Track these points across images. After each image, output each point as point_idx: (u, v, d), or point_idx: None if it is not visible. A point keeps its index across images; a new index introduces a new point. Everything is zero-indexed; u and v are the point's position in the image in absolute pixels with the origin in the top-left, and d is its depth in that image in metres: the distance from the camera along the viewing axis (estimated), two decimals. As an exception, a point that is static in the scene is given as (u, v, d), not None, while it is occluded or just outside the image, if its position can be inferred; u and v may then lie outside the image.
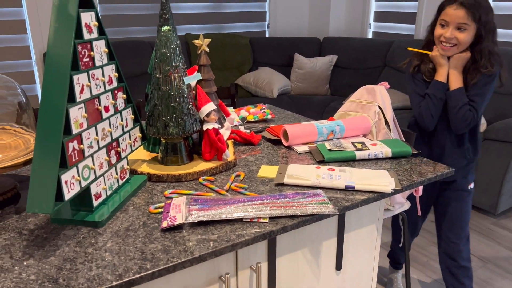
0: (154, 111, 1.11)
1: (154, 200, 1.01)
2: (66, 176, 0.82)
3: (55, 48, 0.83)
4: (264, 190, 1.06)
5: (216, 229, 0.89)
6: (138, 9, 3.45)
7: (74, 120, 0.84)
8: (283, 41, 3.98)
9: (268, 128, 1.46)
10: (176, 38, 1.09)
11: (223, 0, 3.86)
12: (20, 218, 0.93)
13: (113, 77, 0.99)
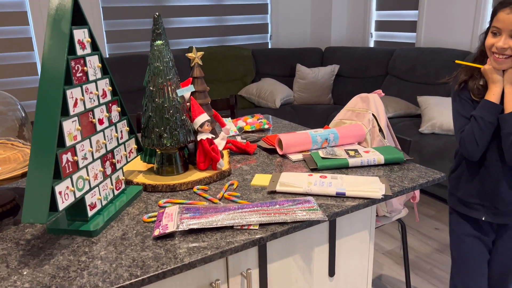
0: (148, 123, 1.14)
1: (148, 210, 1.04)
2: (60, 187, 0.85)
3: (49, 64, 0.86)
4: (257, 198, 1.08)
5: (207, 236, 0.90)
6: (141, 24, 3.53)
7: (67, 132, 0.87)
8: (285, 52, 4.02)
9: (264, 138, 1.48)
10: (169, 52, 1.13)
11: (225, 14, 3.93)
12: (18, 229, 0.96)
13: (107, 91, 1.02)
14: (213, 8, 3.84)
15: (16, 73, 3.11)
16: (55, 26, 0.88)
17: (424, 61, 3.37)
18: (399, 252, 2.38)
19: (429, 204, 2.93)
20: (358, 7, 4.20)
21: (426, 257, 2.35)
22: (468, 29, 3.26)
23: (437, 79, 3.25)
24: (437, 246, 2.44)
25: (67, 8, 0.88)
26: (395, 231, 2.60)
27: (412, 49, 3.54)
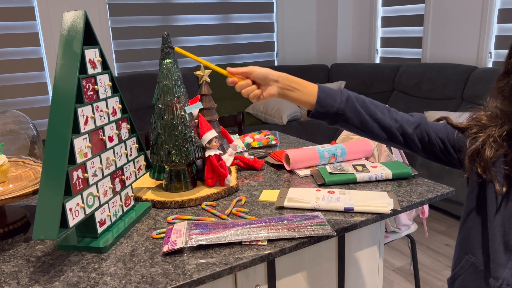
0: (157, 140, 1.15)
1: (157, 226, 1.04)
2: (70, 204, 0.86)
3: (61, 83, 0.88)
4: (265, 214, 1.08)
5: (215, 252, 0.91)
6: (149, 43, 3.59)
7: (78, 150, 0.89)
8: (291, 69, 4.05)
9: (271, 154, 1.49)
10: (178, 70, 1.15)
11: (232, 32, 3.99)
12: (28, 246, 0.97)
13: (117, 109, 1.04)
14: (220, 27, 3.90)
15: (27, 93, 3.17)
16: (67, 46, 0.90)
17: (431, 77, 3.38)
18: (409, 269, 2.34)
19: (439, 220, 2.90)
20: (364, 24, 4.24)
21: (437, 274, 2.31)
22: (474, 44, 3.28)
23: (443, 94, 3.26)
24: (448, 263, 2.40)
25: (79, 28, 0.91)
26: (405, 247, 2.57)
27: (418, 65, 3.56)
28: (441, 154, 0.91)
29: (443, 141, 0.89)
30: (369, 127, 0.92)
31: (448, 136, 0.88)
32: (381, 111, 0.92)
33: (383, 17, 4.03)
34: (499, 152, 0.76)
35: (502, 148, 0.76)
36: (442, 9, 3.46)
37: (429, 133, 0.90)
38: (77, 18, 0.91)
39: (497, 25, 3.10)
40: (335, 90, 0.93)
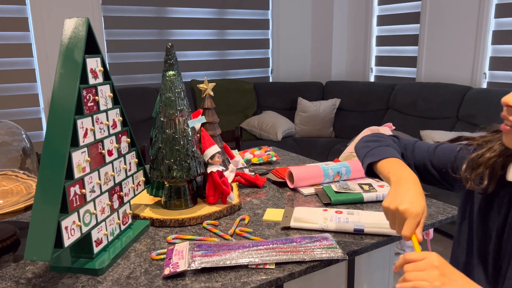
0: (158, 155, 1.10)
1: (156, 246, 0.98)
2: (66, 222, 0.80)
3: (60, 93, 0.83)
4: (270, 234, 1.02)
5: (220, 276, 0.85)
6: (144, 57, 3.55)
7: (76, 164, 0.83)
8: (286, 86, 4.04)
9: (273, 170, 1.44)
10: (181, 82, 1.10)
11: (228, 48, 3.97)
12: (18, 267, 0.90)
13: (117, 121, 0.99)
14: (216, 43, 3.89)
15: (18, 104, 3.09)
16: (68, 54, 0.85)
17: (426, 96, 3.38)
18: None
19: (436, 240, 2.86)
20: (358, 43, 4.26)
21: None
22: (468, 64, 3.30)
23: (439, 114, 3.26)
24: None
25: (80, 36, 0.86)
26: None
27: (413, 84, 3.57)
28: (425, 179, 0.89)
29: (425, 165, 0.87)
30: None
31: (431, 159, 0.86)
32: None
33: (378, 36, 4.06)
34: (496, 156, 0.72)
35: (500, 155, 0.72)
36: (437, 29, 3.49)
37: (409, 161, 0.89)
38: (79, 25, 0.87)
39: (491, 46, 3.13)
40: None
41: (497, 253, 0.72)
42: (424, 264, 0.63)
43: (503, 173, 0.71)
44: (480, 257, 0.75)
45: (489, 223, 0.73)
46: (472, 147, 0.78)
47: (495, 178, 0.71)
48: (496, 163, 0.71)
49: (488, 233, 0.73)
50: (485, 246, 0.74)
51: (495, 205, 0.73)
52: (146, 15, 3.49)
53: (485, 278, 0.74)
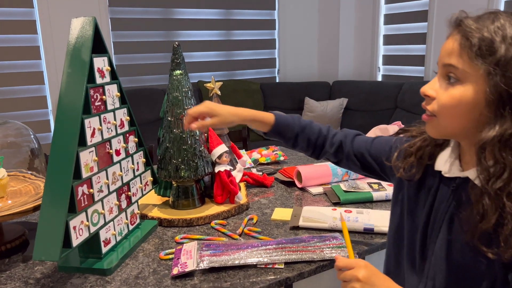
0: (165, 154, 1.09)
1: (164, 246, 0.98)
2: (74, 222, 0.80)
3: (68, 92, 0.83)
4: (279, 234, 1.02)
5: (229, 276, 0.84)
6: (151, 58, 3.56)
7: (84, 164, 0.83)
8: (293, 86, 4.03)
9: (281, 170, 1.43)
10: (188, 81, 1.10)
11: (234, 49, 3.97)
12: (27, 267, 0.90)
13: (125, 121, 0.99)
14: (222, 43, 3.88)
15: (27, 106, 3.11)
16: (75, 53, 0.85)
17: (434, 94, 3.35)
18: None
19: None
20: (366, 42, 4.24)
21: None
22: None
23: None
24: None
25: (88, 35, 0.86)
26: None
27: (421, 83, 3.53)
28: (367, 168, 0.89)
29: (363, 154, 0.87)
30: (309, 154, 0.93)
31: (369, 149, 0.87)
32: (316, 140, 0.91)
33: (385, 35, 4.04)
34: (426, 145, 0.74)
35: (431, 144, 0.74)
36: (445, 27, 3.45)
37: (348, 150, 0.89)
38: (86, 25, 0.87)
39: None
40: (288, 125, 0.91)
41: (423, 243, 0.72)
42: (349, 276, 0.65)
43: (431, 163, 0.72)
44: (409, 248, 0.75)
45: (417, 213, 0.74)
46: (405, 138, 0.79)
47: (422, 166, 0.73)
48: (424, 152, 0.72)
49: (416, 223, 0.74)
50: (412, 236, 0.74)
51: (423, 195, 0.73)
52: (152, 16, 3.49)
53: (413, 269, 0.74)
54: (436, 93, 0.63)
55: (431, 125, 0.66)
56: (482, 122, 0.60)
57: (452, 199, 0.67)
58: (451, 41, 0.62)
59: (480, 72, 0.58)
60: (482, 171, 0.59)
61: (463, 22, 0.61)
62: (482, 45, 0.58)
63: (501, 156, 0.58)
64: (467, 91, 0.60)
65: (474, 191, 0.61)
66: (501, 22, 0.58)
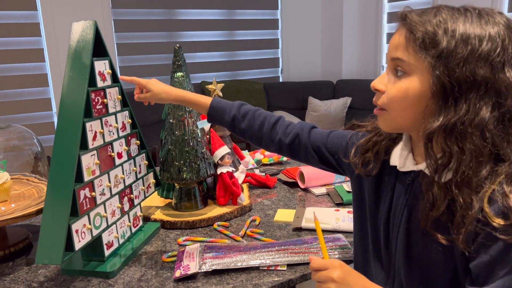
0: (167, 156, 1.10)
1: (167, 248, 0.98)
2: (77, 225, 0.80)
3: (69, 96, 0.83)
4: (281, 235, 1.01)
5: (232, 278, 0.84)
6: (155, 59, 3.56)
7: (86, 167, 0.83)
8: (296, 86, 4.02)
9: (284, 171, 1.43)
10: (189, 83, 1.10)
11: (237, 49, 3.97)
12: (30, 270, 0.91)
13: (126, 123, 0.99)
14: (225, 44, 3.88)
15: (31, 109, 3.13)
16: (76, 57, 0.85)
17: (439, 92, 3.34)
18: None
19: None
20: (369, 40, 4.22)
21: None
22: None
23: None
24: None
25: (88, 39, 0.86)
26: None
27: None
28: (324, 162, 0.88)
29: (319, 148, 0.86)
30: (255, 141, 0.91)
31: (325, 143, 0.86)
32: (261, 127, 0.89)
33: (388, 33, 4.02)
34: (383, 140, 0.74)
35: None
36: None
37: (306, 143, 0.87)
38: (87, 28, 0.87)
39: None
40: (224, 108, 0.91)
41: (387, 239, 0.72)
42: (324, 276, 0.65)
43: (388, 158, 0.72)
44: (374, 244, 0.75)
45: (378, 209, 0.74)
46: (361, 133, 0.79)
47: (379, 161, 0.73)
48: (380, 147, 0.73)
49: (377, 219, 0.74)
50: (376, 233, 0.74)
51: (383, 191, 0.74)
52: (155, 18, 3.50)
53: (380, 265, 0.74)
54: (385, 87, 0.65)
55: (382, 119, 0.67)
56: (429, 113, 0.61)
57: (409, 193, 0.68)
58: (397, 35, 0.64)
59: (425, 64, 0.59)
60: (430, 161, 0.61)
61: (408, 17, 0.62)
62: (426, 38, 0.59)
63: (447, 145, 0.59)
64: (414, 83, 0.61)
65: (424, 181, 0.62)
66: (443, 17, 0.59)
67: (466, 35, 0.57)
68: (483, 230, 0.56)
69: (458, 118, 0.57)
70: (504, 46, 0.57)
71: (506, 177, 0.57)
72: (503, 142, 0.57)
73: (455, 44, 0.57)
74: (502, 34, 0.57)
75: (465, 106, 0.57)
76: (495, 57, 0.57)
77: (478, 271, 0.58)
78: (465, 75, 0.57)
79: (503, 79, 0.57)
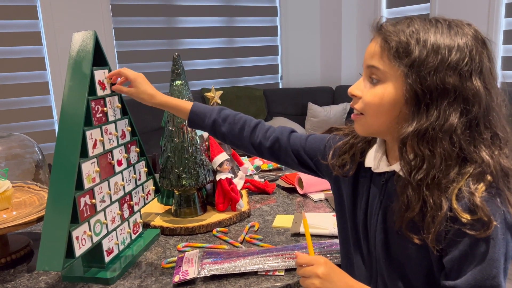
0: (167, 163, 1.11)
1: (167, 254, 0.99)
2: (77, 232, 0.81)
3: (69, 105, 0.85)
4: (280, 241, 1.02)
5: (230, 283, 0.85)
6: (155, 67, 3.59)
7: (86, 174, 0.84)
8: (296, 92, 4.04)
9: (283, 177, 1.44)
10: (188, 91, 1.12)
11: (237, 56, 4.00)
12: (31, 277, 0.92)
13: (126, 131, 1.01)
14: (225, 51, 3.91)
15: (32, 117, 3.15)
16: (76, 67, 0.87)
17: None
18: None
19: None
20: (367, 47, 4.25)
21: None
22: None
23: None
24: None
25: (88, 49, 0.88)
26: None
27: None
28: (303, 165, 0.89)
29: (298, 151, 0.88)
30: (236, 145, 0.94)
31: (303, 146, 0.87)
32: (241, 130, 0.91)
33: (387, 39, 4.05)
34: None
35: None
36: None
37: (286, 146, 0.88)
38: (87, 39, 0.89)
39: (502, 46, 3.09)
40: (205, 113, 0.93)
41: (366, 239, 0.74)
42: (309, 272, 0.67)
43: (363, 160, 0.75)
44: (355, 245, 0.77)
45: (356, 210, 0.76)
46: (338, 136, 0.82)
47: (355, 163, 0.76)
48: (356, 149, 0.76)
49: (357, 220, 0.76)
50: (356, 234, 0.77)
51: (359, 192, 0.76)
52: (155, 25, 3.53)
53: (363, 265, 0.76)
54: (361, 92, 0.68)
55: (359, 124, 0.70)
56: (402, 119, 0.64)
57: (383, 194, 0.71)
58: (373, 44, 0.67)
59: (398, 72, 0.62)
60: (405, 164, 0.63)
61: (383, 27, 0.66)
62: (399, 47, 0.62)
63: (419, 149, 0.61)
64: (388, 90, 0.64)
65: (399, 183, 0.64)
66: (415, 27, 0.63)
67: (436, 45, 0.60)
68: (452, 227, 0.59)
69: (430, 124, 0.60)
70: (472, 56, 0.60)
71: (472, 177, 0.60)
72: (470, 146, 0.60)
73: (426, 54, 0.60)
74: (470, 45, 0.60)
75: (436, 113, 0.60)
76: (463, 67, 0.60)
77: (451, 266, 0.61)
78: (436, 83, 0.60)
79: (470, 87, 0.60)
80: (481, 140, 0.61)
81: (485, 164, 0.59)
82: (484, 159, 0.59)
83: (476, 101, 0.60)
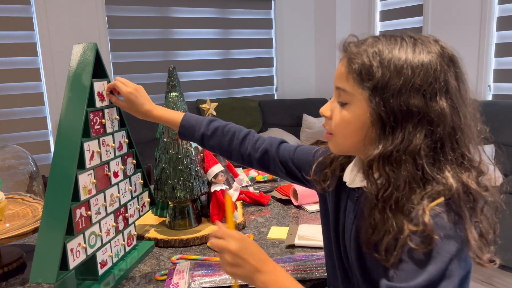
0: (162, 175, 1.11)
1: (161, 267, 0.98)
2: (72, 244, 0.81)
3: (68, 116, 0.85)
4: (275, 253, 1.02)
5: (225, 296, 0.85)
6: (150, 78, 3.60)
7: (82, 186, 0.84)
8: (291, 103, 4.07)
9: (278, 188, 1.45)
10: (183, 103, 1.12)
11: (232, 67, 4.02)
12: (24, 289, 0.91)
13: (123, 143, 1.01)
14: (220, 62, 3.94)
15: (27, 128, 3.14)
16: (76, 78, 0.88)
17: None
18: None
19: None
20: (361, 59, 4.30)
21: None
22: (472, 77, 3.30)
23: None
24: None
25: (88, 61, 0.89)
26: None
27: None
28: (292, 176, 0.90)
29: (287, 162, 0.89)
30: (227, 156, 0.94)
31: (292, 157, 0.88)
32: (230, 142, 0.91)
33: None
34: None
35: None
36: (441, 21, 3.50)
37: (274, 157, 0.89)
38: (87, 50, 0.90)
39: (494, 58, 3.14)
40: (194, 126, 0.93)
41: (346, 253, 0.74)
42: (221, 245, 0.67)
43: (343, 175, 0.75)
44: (338, 259, 0.77)
45: (338, 224, 0.77)
46: (322, 150, 0.82)
47: (335, 177, 0.76)
48: (336, 164, 0.76)
49: (338, 234, 0.76)
50: (338, 247, 0.77)
51: (340, 207, 0.76)
52: (151, 37, 3.55)
53: (346, 277, 0.76)
54: (331, 113, 0.68)
55: (331, 143, 0.71)
56: (369, 141, 0.63)
57: (356, 209, 0.71)
58: (340, 65, 0.66)
59: (363, 95, 0.62)
60: (371, 185, 0.63)
61: (348, 47, 0.65)
62: (362, 70, 0.61)
63: (385, 171, 0.61)
64: (355, 112, 0.64)
65: (366, 206, 0.64)
66: (379, 48, 0.61)
67: (400, 65, 0.59)
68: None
69: (394, 147, 0.60)
70: (436, 75, 0.59)
71: (428, 197, 0.58)
72: (433, 168, 0.59)
73: (389, 76, 0.59)
74: (435, 63, 0.60)
75: (401, 135, 0.60)
76: (427, 87, 0.59)
77: None
78: (400, 105, 0.59)
79: (435, 107, 0.59)
80: (445, 161, 0.60)
81: (448, 187, 0.58)
82: (448, 181, 0.58)
83: (441, 122, 0.59)
